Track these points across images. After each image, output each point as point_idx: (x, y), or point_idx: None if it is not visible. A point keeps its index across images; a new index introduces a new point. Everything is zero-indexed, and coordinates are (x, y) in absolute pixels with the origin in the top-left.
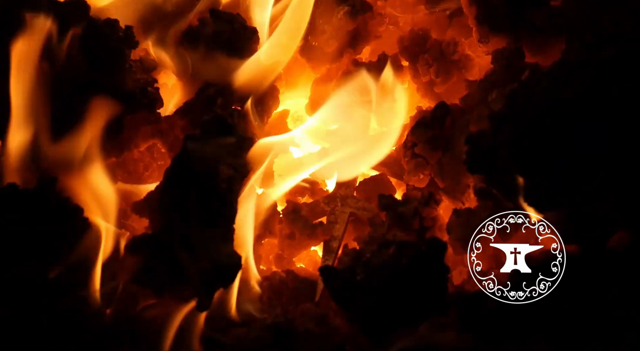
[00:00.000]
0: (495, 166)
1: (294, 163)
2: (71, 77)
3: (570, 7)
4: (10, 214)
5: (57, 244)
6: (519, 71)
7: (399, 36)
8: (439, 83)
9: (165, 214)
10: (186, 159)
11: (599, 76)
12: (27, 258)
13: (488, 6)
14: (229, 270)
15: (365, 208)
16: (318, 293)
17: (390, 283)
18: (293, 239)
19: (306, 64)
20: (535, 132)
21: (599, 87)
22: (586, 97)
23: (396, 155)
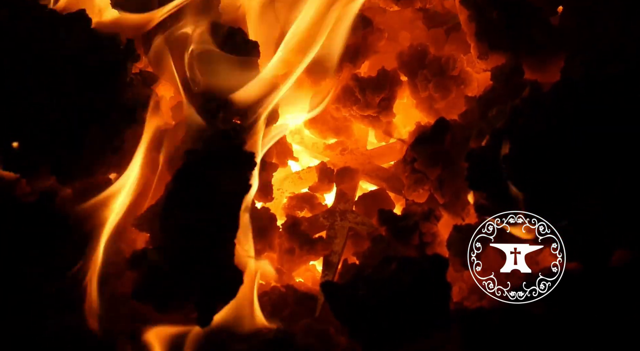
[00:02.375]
0: (496, 183)
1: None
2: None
3: (570, 24)
4: (9, 228)
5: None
6: (518, 88)
7: (398, 51)
8: (438, 99)
9: (167, 229)
10: (188, 173)
11: (601, 95)
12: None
13: (487, 23)
14: (230, 285)
15: (364, 222)
16: (318, 308)
17: (392, 299)
18: (292, 254)
19: (305, 78)
20: (537, 149)
21: (601, 105)
22: (588, 115)
23: (395, 170)
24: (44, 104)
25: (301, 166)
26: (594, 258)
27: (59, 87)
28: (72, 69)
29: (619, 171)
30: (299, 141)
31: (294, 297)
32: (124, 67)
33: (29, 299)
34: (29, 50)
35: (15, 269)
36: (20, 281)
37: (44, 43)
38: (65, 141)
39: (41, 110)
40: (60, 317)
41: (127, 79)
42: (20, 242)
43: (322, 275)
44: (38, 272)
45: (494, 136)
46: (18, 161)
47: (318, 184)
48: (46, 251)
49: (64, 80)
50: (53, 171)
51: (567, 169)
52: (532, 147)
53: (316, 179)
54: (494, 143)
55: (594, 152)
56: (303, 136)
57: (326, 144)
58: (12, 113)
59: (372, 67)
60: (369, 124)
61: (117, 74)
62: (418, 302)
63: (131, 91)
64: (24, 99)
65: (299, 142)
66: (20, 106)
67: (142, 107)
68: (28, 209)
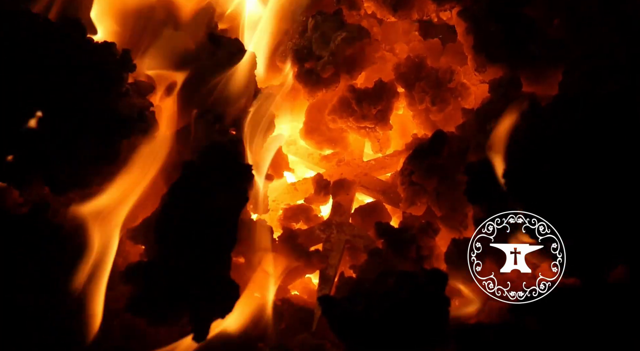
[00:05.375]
0: (496, 197)
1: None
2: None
3: (567, 37)
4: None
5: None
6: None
7: (395, 63)
8: (435, 111)
9: (162, 241)
10: (184, 186)
11: (601, 112)
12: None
13: (485, 35)
14: (226, 299)
15: (361, 235)
16: (315, 322)
17: (390, 314)
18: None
19: (301, 89)
20: (536, 164)
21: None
22: (588, 131)
23: (392, 182)
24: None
25: (297, 177)
26: (591, 273)
27: (53, 96)
28: (66, 78)
29: (618, 186)
30: (295, 152)
31: (290, 311)
32: (120, 77)
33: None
34: (22, 59)
35: (7, 281)
36: (11, 294)
37: (37, 52)
38: (60, 151)
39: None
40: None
41: (123, 89)
42: (12, 254)
43: (318, 289)
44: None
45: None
46: (11, 171)
47: (314, 195)
48: (38, 264)
49: (58, 89)
50: (47, 181)
51: (566, 185)
52: (531, 162)
53: (312, 191)
54: (492, 157)
55: (593, 168)
56: (299, 147)
57: (322, 155)
58: (5, 122)
59: (369, 79)
60: (365, 135)
61: (113, 84)
62: (416, 317)
63: (127, 101)
64: (17, 108)
65: (295, 153)
66: (13, 115)
67: (138, 117)
68: (21, 221)
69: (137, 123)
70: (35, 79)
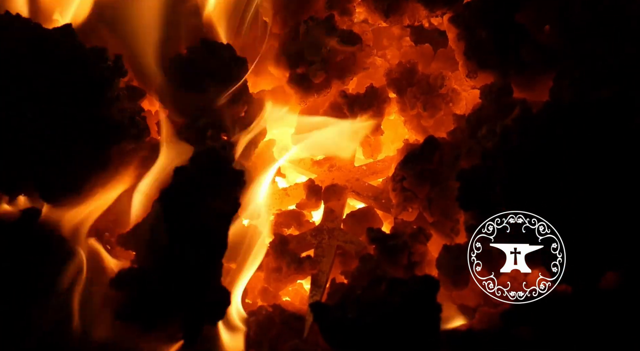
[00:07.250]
0: (488, 203)
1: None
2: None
3: (559, 43)
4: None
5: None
6: (507, 106)
7: (387, 68)
8: (427, 116)
9: (153, 247)
10: (175, 192)
11: (592, 118)
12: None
13: (476, 41)
14: (217, 306)
15: (352, 241)
16: (306, 328)
17: (382, 321)
18: (280, 272)
19: (293, 94)
20: (528, 170)
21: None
22: (580, 138)
23: (384, 187)
24: (28, 118)
25: (288, 182)
26: (584, 280)
27: (44, 102)
28: (57, 84)
29: (611, 193)
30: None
31: (281, 317)
32: (111, 83)
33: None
34: (13, 64)
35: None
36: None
37: (28, 57)
38: (51, 157)
39: (25, 125)
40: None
41: (114, 95)
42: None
43: (310, 295)
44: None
45: (485, 156)
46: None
47: (305, 201)
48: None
49: (49, 95)
50: (37, 187)
51: (559, 191)
52: (523, 168)
53: (304, 196)
54: (486, 163)
55: (586, 175)
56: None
57: (314, 160)
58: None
59: (361, 84)
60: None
61: (104, 89)
62: (408, 324)
63: (118, 106)
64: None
65: (286, 158)
66: (3, 120)
67: (129, 122)
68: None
69: (129, 128)
70: (26, 85)
